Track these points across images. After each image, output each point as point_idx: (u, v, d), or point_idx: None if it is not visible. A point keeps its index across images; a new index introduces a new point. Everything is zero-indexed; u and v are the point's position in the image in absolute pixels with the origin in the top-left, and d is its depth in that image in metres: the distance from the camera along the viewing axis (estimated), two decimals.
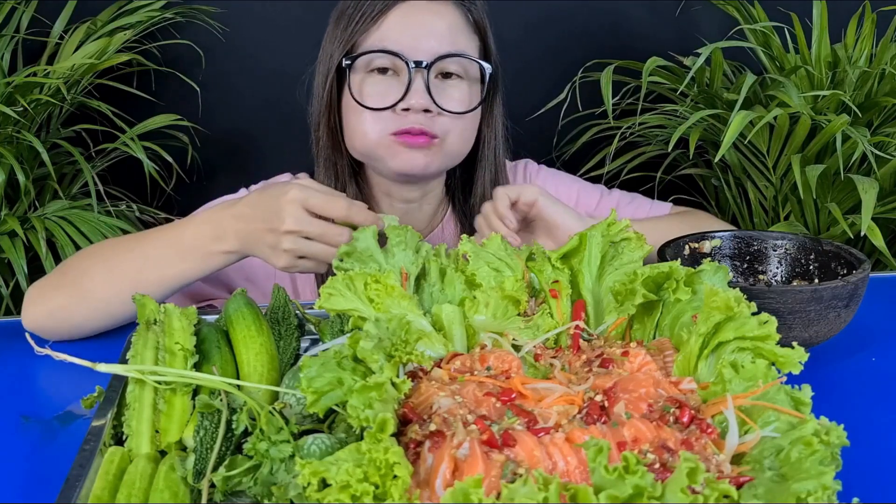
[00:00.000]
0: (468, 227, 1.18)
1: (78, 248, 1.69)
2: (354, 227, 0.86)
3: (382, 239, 0.82)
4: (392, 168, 1.06)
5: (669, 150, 1.61)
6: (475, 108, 1.08)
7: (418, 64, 1.01)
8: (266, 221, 0.89)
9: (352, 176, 1.12)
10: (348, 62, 1.04)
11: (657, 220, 1.20)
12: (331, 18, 1.11)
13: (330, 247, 0.89)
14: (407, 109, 1.02)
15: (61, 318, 0.96)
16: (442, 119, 1.05)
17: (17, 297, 1.70)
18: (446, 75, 1.06)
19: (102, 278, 0.95)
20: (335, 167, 1.12)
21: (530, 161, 1.30)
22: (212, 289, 1.08)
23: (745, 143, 1.75)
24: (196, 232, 0.93)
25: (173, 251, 0.93)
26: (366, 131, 1.04)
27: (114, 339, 0.98)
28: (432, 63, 1.02)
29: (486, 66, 1.08)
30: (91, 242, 1.70)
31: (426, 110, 1.02)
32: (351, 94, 1.04)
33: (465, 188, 1.20)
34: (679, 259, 0.81)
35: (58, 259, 1.69)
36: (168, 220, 1.99)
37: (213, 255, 0.93)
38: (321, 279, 1.12)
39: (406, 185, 1.13)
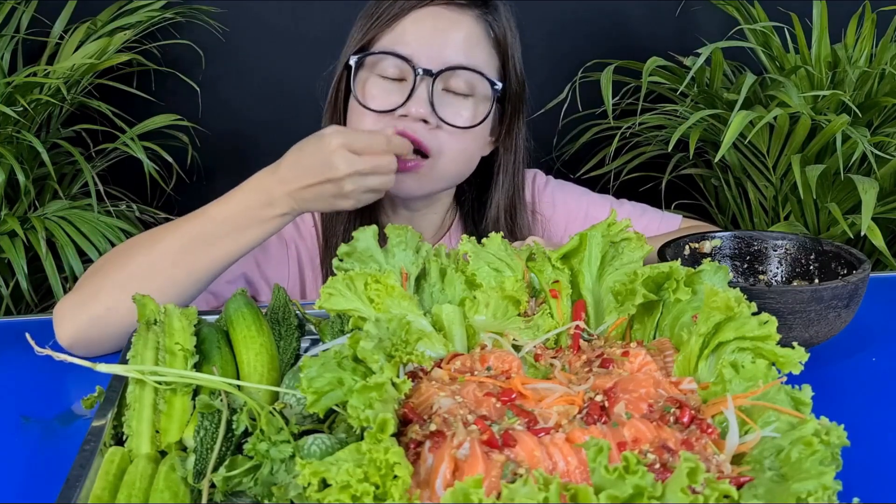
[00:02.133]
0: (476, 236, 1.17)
1: (78, 248, 1.69)
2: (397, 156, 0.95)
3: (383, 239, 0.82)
4: None
5: (669, 150, 1.61)
6: (476, 126, 1.03)
7: (426, 72, 0.98)
8: (319, 176, 0.90)
9: None
10: (356, 59, 1.02)
11: (667, 236, 1.18)
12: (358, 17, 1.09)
13: (385, 175, 0.93)
14: (405, 116, 0.99)
15: (107, 324, 0.89)
16: (440, 134, 1.01)
17: (17, 296, 1.70)
18: (456, 91, 1.02)
19: (149, 272, 0.91)
20: None
21: (539, 172, 1.26)
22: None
23: (745, 143, 1.75)
24: (245, 203, 0.93)
25: (226, 227, 0.92)
26: None
27: None
28: (439, 72, 0.99)
29: (497, 84, 1.03)
30: (91, 243, 1.70)
31: (424, 121, 0.99)
32: (353, 91, 1.02)
33: (480, 210, 1.17)
34: (679, 259, 0.81)
35: (58, 259, 1.69)
36: (168, 221, 1.99)
37: (268, 221, 0.93)
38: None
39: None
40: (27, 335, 0.72)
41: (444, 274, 0.80)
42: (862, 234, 1.39)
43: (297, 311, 0.86)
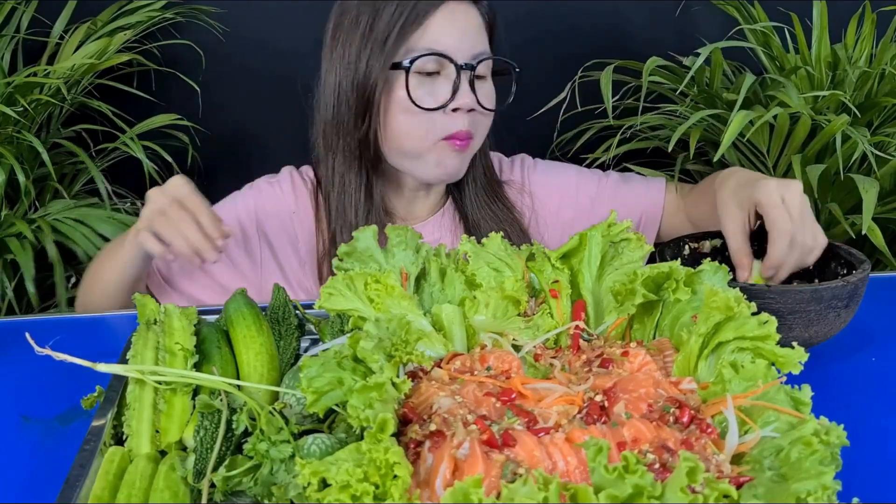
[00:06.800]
0: (464, 214, 1.21)
1: (97, 247, 1.71)
2: None
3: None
4: (430, 174, 1.10)
5: (670, 150, 1.61)
6: (506, 104, 1.13)
7: (466, 66, 1.05)
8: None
9: (374, 165, 1.13)
10: (407, 65, 1.05)
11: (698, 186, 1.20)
12: (341, 19, 1.11)
13: (184, 238, 0.99)
14: (455, 110, 1.06)
15: (88, 302, 1.14)
16: (476, 117, 1.09)
17: (20, 296, 1.70)
18: (481, 76, 1.10)
19: (95, 279, 1.14)
20: (359, 158, 1.12)
21: (526, 156, 1.32)
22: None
23: (745, 142, 1.75)
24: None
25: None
26: (417, 133, 1.07)
27: (114, 338, 0.98)
28: (476, 64, 1.06)
29: (517, 68, 1.12)
30: (107, 240, 1.71)
31: (471, 109, 1.07)
32: (409, 96, 1.06)
33: (459, 182, 1.22)
34: (679, 259, 0.81)
35: (66, 259, 1.70)
36: None
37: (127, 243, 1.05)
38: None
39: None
40: (27, 335, 0.72)
41: (444, 274, 0.80)
42: (862, 234, 1.39)
43: (297, 311, 0.86)
